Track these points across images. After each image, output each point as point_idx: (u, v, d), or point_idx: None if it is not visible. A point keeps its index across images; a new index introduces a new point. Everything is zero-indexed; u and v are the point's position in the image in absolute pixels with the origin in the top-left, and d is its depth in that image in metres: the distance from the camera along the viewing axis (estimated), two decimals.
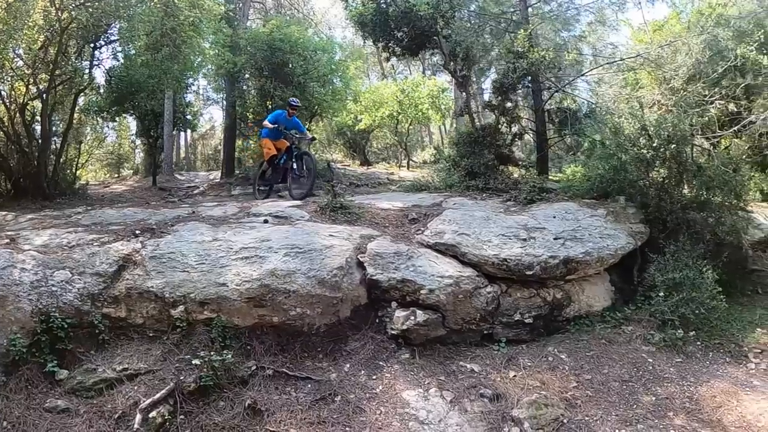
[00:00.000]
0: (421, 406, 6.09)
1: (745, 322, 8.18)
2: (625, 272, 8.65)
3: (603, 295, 8.27)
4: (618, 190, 9.11)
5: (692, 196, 8.85)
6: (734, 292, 8.96)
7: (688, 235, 8.33)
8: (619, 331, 7.61)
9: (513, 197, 9.73)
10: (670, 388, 6.50)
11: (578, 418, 5.99)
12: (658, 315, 7.60)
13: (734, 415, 6.06)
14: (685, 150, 8.74)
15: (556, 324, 7.79)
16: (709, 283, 7.63)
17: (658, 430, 5.81)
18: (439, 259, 7.58)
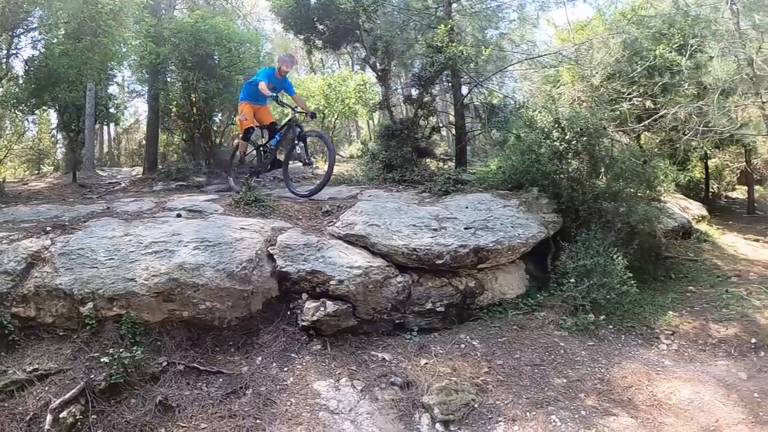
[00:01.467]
0: (332, 396, 6.07)
1: (658, 306, 8.45)
2: (540, 261, 8.81)
3: (517, 283, 8.37)
4: (531, 181, 9.25)
5: (605, 186, 9.06)
6: (648, 278, 9.26)
7: (600, 224, 8.53)
8: (531, 317, 7.72)
9: (428, 189, 9.75)
10: (582, 371, 6.64)
11: (489, 402, 6.05)
12: (570, 301, 7.76)
13: (645, 394, 6.24)
14: (597, 142, 8.94)
15: (469, 312, 7.83)
16: (619, 269, 7.82)
17: (569, 411, 5.91)
18: (349, 250, 7.55)
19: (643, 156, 9.39)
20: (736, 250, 12.04)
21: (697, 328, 7.88)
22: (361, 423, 5.75)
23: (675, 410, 6.03)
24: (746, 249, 11.93)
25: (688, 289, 9.27)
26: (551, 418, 5.80)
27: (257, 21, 23.07)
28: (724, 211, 16.96)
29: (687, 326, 7.93)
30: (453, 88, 12.59)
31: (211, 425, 5.67)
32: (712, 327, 7.88)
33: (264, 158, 10.76)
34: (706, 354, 7.37)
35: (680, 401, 6.17)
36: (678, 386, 6.40)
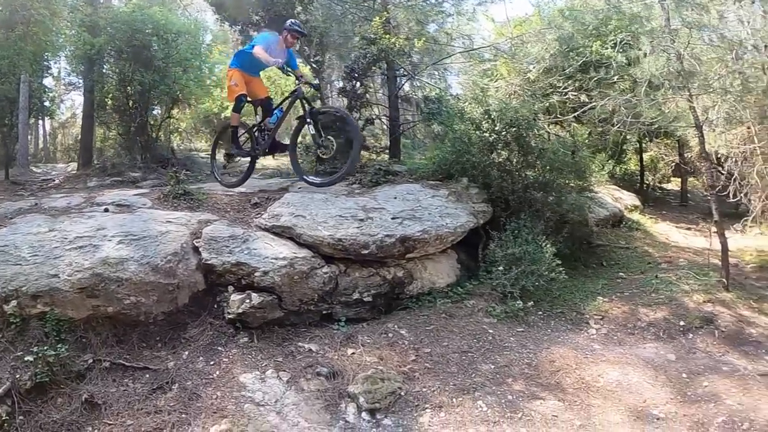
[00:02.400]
0: (258, 388, 6.00)
1: (588, 292, 8.62)
2: (472, 250, 8.86)
3: (447, 272, 8.40)
4: (462, 171, 9.29)
5: (535, 176, 9.14)
6: (579, 265, 9.42)
7: (529, 213, 8.66)
8: (461, 305, 7.76)
9: (359, 180, 9.70)
10: (510, 356, 6.70)
11: (416, 389, 6.06)
12: (500, 288, 7.84)
13: (573, 378, 6.35)
14: (527, 134, 9.03)
15: (398, 301, 7.84)
16: (548, 256, 7.93)
17: (495, 396, 5.96)
18: (275, 242, 7.49)
19: (573, 147, 9.53)
20: (668, 238, 12.33)
21: (627, 313, 8.05)
22: (286, 414, 5.71)
23: (603, 392, 6.14)
24: (677, 237, 12.22)
25: (619, 276, 9.46)
26: (478, 403, 5.84)
27: (197, 11, 22.63)
28: (659, 201, 17.44)
29: (616, 311, 8.09)
30: (388, 80, 12.58)
31: (137, 422, 5.56)
32: (642, 311, 8.06)
33: (261, 139, 9.42)
34: (635, 337, 7.54)
35: (608, 383, 6.29)
36: (606, 369, 6.54)
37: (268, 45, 8.76)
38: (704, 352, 7.28)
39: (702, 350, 7.31)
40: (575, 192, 9.59)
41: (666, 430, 5.58)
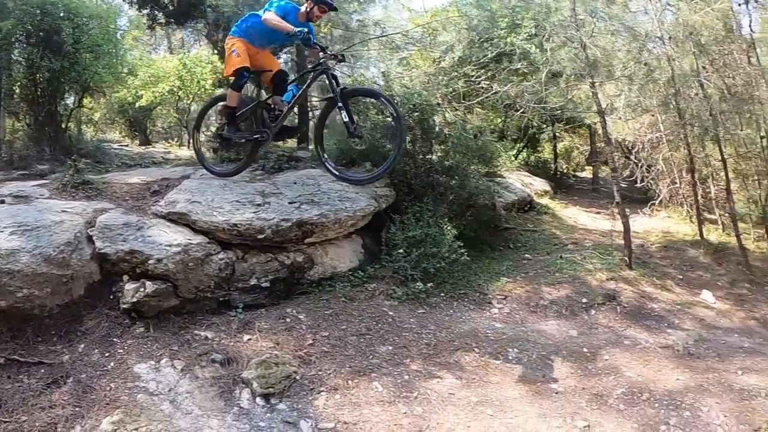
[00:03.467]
0: (152, 378, 5.89)
1: (493, 273, 8.76)
2: (377, 235, 8.85)
3: (350, 257, 8.38)
4: (364, 155, 9.25)
5: (437, 160, 9.21)
6: (486, 248, 9.57)
7: (433, 197, 8.70)
8: (362, 289, 7.76)
9: (262, 166, 9.59)
10: (409, 337, 6.74)
11: (312, 373, 6.04)
12: (402, 271, 7.86)
13: (473, 356, 6.45)
14: (431, 118, 9.09)
15: (298, 287, 7.78)
16: (449, 238, 8.00)
17: (392, 377, 6.00)
18: (170, 229, 7.35)
19: (477, 131, 9.67)
20: (576, 221, 12.64)
21: (530, 292, 8.23)
22: (180, 403, 5.62)
23: (503, 369, 6.26)
24: (586, 220, 12.53)
25: (525, 257, 9.66)
26: (373, 384, 5.86)
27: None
28: (571, 188, 17.94)
29: (520, 290, 8.26)
30: (298, 67, 12.49)
31: (31, 417, 5.38)
32: (545, 290, 8.26)
33: (270, 121, 7.91)
34: (537, 315, 7.73)
35: (508, 360, 6.42)
36: (506, 346, 6.66)
37: (285, 14, 7.34)
38: (606, 327, 7.52)
39: (604, 326, 7.56)
40: (480, 176, 9.70)
41: (564, 403, 5.72)
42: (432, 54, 12.39)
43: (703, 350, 7.27)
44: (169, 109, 20.53)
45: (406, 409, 5.52)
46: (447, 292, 8.01)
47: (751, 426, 5.60)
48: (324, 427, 5.33)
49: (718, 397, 5.99)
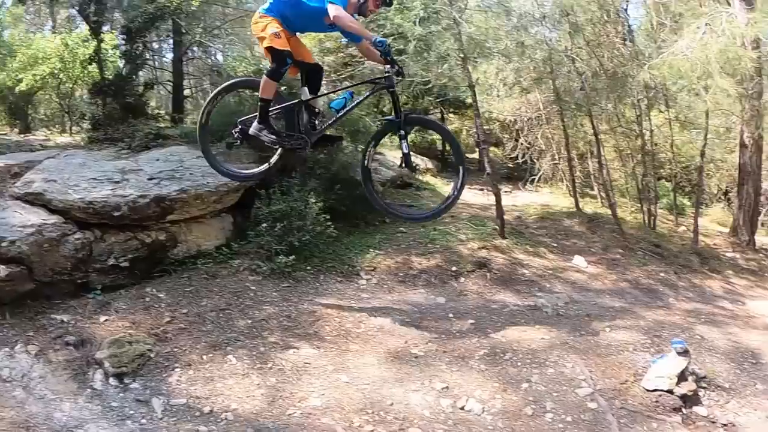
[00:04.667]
0: (5, 365, 5.56)
1: (365, 247, 8.65)
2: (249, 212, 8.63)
3: (216, 234, 8.14)
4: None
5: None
6: (360, 223, 9.47)
7: (301, 172, 8.52)
8: (226, 265, 7.57)
9: (129, 145, 9.18)
10: (270, 311, 6.62)
11: (167, 350, 5.85)
12: (267, 246, 7.67)
13: (333, 326, 6.39)
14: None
15: (161, 266, 7.49)
16: (314, 212, 7.82)
17: (247, 349, 5.88)
18: (26, 210, 6.94)
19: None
20: None
21: (400, 263, 8.19)
22: (33, 388, 5.34)
23: (363, 337, 6.21)
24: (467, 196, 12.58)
25: (399, 230, 9.59)
26: (228, 358, 5.72)
27: None
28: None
29: (390, 262, 8.21)
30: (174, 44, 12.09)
31: None
32: (415, 260, 8.24)
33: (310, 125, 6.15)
34: (406, 285, 7.71)
35: (370, 328, 6.38)
36: (369, 315, 6.63)
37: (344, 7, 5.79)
38: (475, 293, 7.57)
39: (473, 292, 7.61)
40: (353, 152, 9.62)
41: (424, 367, 5.68)
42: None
43: (573, 311, 7.42)
44: (50, 94, 19.50)
45: (259, 381, 5.39)
46: (314, 266, 7.88)
47: (618, 379, 5.76)
48: (176, 403, 5.15)
49: (584, 354, 6.11)
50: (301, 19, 5.92)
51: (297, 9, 5.81)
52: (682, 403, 5.54)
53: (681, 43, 10.60)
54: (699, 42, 10.45)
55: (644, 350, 6.34)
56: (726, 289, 10.27)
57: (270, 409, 5.04)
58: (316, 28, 6.33)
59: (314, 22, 5.92)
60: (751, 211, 13.95)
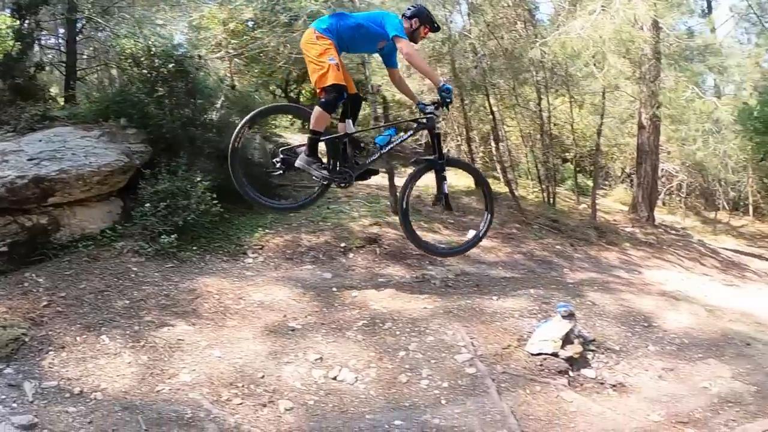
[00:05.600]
0: None
1: (255, 226, 8.59)
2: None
3: (102, 218, 7.90)
4: (120, 111, 8.72)
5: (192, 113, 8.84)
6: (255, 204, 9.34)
7: (189, 151, 8.35)
8: (109, 248, 7.38)
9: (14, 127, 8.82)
10: (149, 290, 6.49)
11: (42, 334, 5.65)
12: (152, 227, 7.52)
13: (212, 303, 6.34)
14: (189, 71, 8.76)
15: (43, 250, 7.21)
16: (199, 191, 7.70)
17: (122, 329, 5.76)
18: None
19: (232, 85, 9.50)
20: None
21: (289, 241, 8.18)
22: None
23: (242, 313, 6.16)
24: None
25: None
26: (101, 338, 5.58)
27: None
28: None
29: (279, 240, 8.20)
30: (68, 24, 11.63)
31: None
32: (305, 238, 8.25)
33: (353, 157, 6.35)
34: (293, 262, 7.71)
35: (249, 305, 6.33)
36: (251, 292, 6.58)
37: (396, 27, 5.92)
38: (363, 268, 7.62)
39: (361, 267, 7.66)
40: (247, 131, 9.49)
41: (300, 339, 5.68)
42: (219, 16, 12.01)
43: (463, 282, 7.54)
44: None
45: (131, 359, 5.28)
46: (201, 246, 7.80)
47: (500, 345, 5.83)
48: (47, 385, 4.97)
49: (467, 321, 6.18)
50: (355, 41, 6.18)
51: (357, 32, 6.04)
52: (569, 366, 5.60)
53: (575, 23, 10.79)
54: (592, 22, 10.62)
55: (531, 316, 6.43)
56: (622, 260, 10.59)
57: (139, 387, 4.94)
58: (365, 50, 7.24)
59: (367, 46, 6.44)
60: (650, 188, 14.49)
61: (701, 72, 17.06)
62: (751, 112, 16.81)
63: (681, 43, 14.44)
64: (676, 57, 14.80)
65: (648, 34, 12.96)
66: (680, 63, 14.51)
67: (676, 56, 14.75)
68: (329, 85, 5.77)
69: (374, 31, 6.06)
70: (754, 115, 16.60)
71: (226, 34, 11.72)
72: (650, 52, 13.33)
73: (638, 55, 13.16)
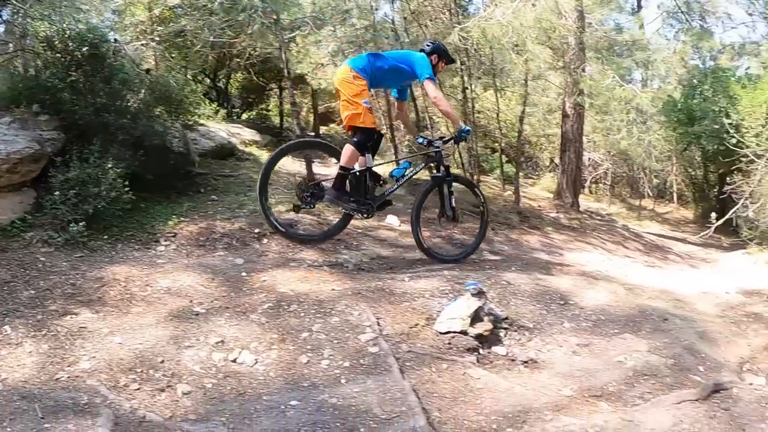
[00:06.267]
0: None
1: (171, 215, 8.52)
2: None
3: (13, 209, 7.70)
4: (32, 97, 8.47)
5: (107, 98, 8.67)
6: (172, 193, 9.33)
7: (103, 138, 8.20)
8: (18, 238, 7.24)
9: None
10: (56, 280, 6.37)
11: None
12: (61, 216, 7.41)
13: (118, 291, 6.25)
14: (105, 55, 8.62)
15: None
16: (110, 177, 7.59)
17: (25, 318, 5.63)
18: None
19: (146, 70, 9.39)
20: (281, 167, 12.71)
21: (203, 228, 8.15)
22: None
23: (148, 300, 6.11)
24: (293, 166, 12.64)
25: (211, 198, 9.56)
26: (3, 328, 5.43)
27: None
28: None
29: (193, 228, 8.15)
30: None
31: None
32: (219, 225, 8.23)
33: (376, 187, 7.48)
34: (205, 249, 7.68)
35: (156, 291, 6.29)
36: (159, 279, 6.52)
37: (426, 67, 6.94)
38: (277, 253, 7.64)
39: (275, 252, 7.68)
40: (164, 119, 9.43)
41: (203, 323, 5.65)
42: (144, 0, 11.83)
43: (377, 265, 7.62)
44: None
45: (32, 348, 5.19)
46: (113, 235, 7.72)
47: (408, 324, 5.85)
48: None
49: (375, 302, 6.21)
50: (384, 81, 7.25)
51: (389, 73, 6.96)
52: (479, 343, 5.63)
53: (497, 11, 10.94)
54: (514, 9, 10.81)
55: (442, 296, 6.44)
56: (544, 243, 10.80)
57: (39, 376, 4.86)
58: (388, 86, 8.21)
59: (393, 84, 7.48)
60: (574, 175, 14.85)
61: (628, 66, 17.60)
62: (675, 104, 17.52)
63: (609, 38, 14.84)
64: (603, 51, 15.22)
65: (572, 24, 13.25)
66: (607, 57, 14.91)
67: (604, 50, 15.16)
68: (364, 127, 6.66)
69: (405, 73, 6.96)
70: (677, 107, 17.28)
71: (150, 21, 11.57)
72: (574, 41, 13.62)
73: (561, 45, 13.44)
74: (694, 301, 7.78)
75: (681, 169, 22.20)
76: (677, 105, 17.85)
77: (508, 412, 4.62)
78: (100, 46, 8.51)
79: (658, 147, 20.82)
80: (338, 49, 12.42)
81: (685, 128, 17.51)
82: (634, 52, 16.56)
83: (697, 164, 20.36)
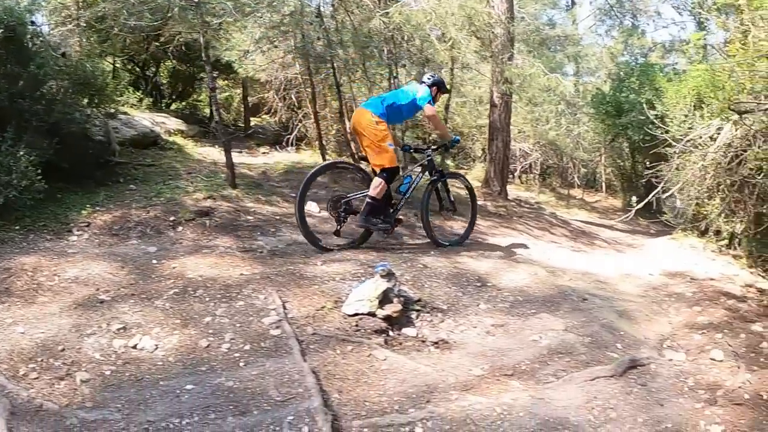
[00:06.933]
0: None
1: (86, 204, 8.48)
2: None
3: None
4: None
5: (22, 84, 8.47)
6: (90, 182, 9.24)
7: (16, 125, 8.06)
8: None
9: None
10: None
11: None
12: None
13: (25, 281, 6.16)
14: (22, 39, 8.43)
15: None
16: (23, 168, 7.51)
17: None
18: None
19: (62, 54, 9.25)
20: (206, 157, 12.78)
21: (118, 217, 8.14)
22: None
23: (55, 289, 6.05)
24: (218, 156, 12.60)
25: (129, 188, 9.51)
26: None
27: None
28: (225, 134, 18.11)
29: (107, 217, 8.13)
30: None
31: None
32: (134, 213, 8.24)
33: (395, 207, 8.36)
34: (119, 237, 7.70)
35: (64, 280, 6.23)
36: (67, 268, 6.46)
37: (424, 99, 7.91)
38: (191, 240, 7.69)
39: (189, 239, 7.72)
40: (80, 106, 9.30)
41: (106, 311, 5.61)
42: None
43: (291, 251, 7.70)
44: None
45: None
46: (25, 226, 7.66)
47: (315, 307, 5.88)
48: None
49: (283, 286, 6.25)
50: (396, 117, 8.18)
51: (401, 112, 8.04)
52: (388, 325, 5.66)
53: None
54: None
55: (354, 279, 6.49)
56: None
57: None
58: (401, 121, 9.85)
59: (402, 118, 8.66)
60: (501, 164, 15.04)
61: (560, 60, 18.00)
62: (604, 97, 17.98)
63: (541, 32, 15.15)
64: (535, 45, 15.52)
65: (500, 14, 13.45)
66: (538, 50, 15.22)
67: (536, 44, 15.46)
68: (390, 167, 7.68)
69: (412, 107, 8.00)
70: (606, 99, 17.74)
71: (77, 5, 11.38)
72: (501, 31, 13.80)
73: (489, 35, 13.61)
74: (616, 282, 7.96)
75: (610, 159, 22.74)
76: (606, 98, 18.31)
77: (412, 392, 4.68)
78: (17, 29, 8.27)
79: (587, 138, 21.40)
80: (264, 35, 12.36)
81: (613, 120, 17.95)
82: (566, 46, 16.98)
83: (625, 155, 20.75)
